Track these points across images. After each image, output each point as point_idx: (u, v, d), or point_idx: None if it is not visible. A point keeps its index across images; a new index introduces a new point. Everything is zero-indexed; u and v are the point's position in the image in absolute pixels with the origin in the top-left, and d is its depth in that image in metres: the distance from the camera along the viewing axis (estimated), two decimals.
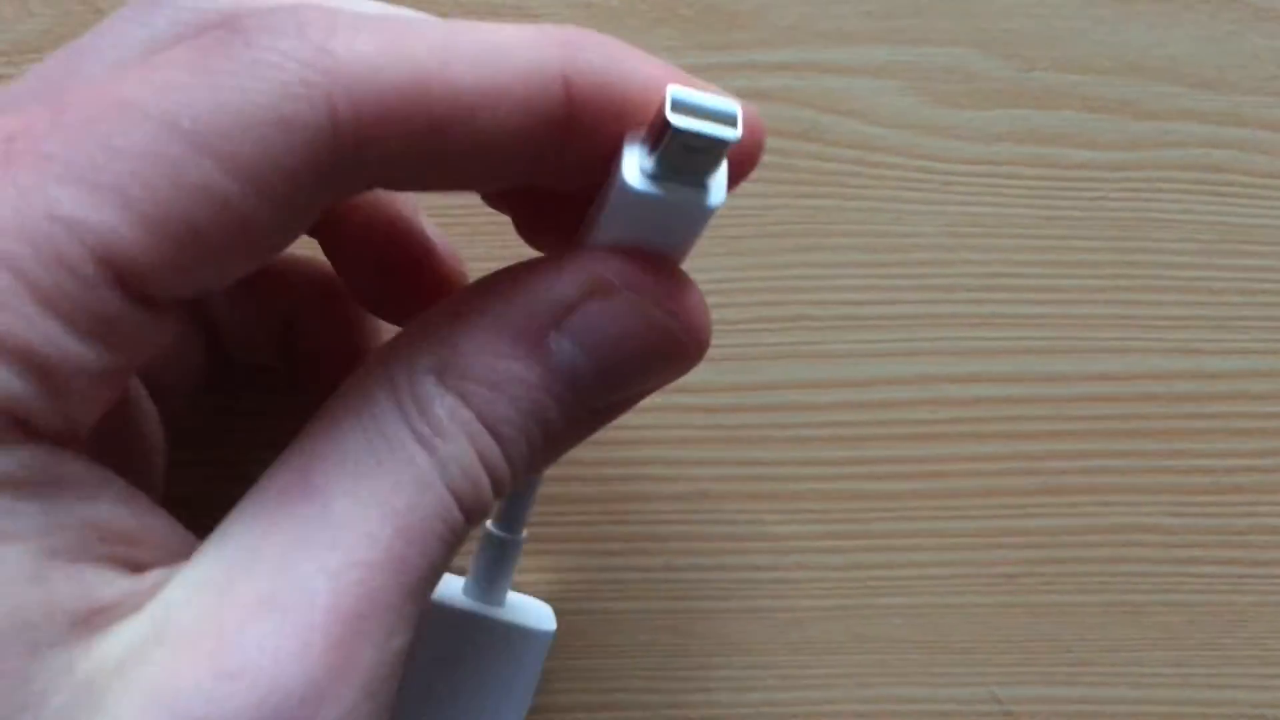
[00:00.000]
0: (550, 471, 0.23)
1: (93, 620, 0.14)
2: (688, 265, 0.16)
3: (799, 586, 0.25)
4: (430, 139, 0.14)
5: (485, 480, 0.15)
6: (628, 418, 0.22)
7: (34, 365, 0.13)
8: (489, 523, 0.22)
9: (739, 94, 0.23)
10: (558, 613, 0.23)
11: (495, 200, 0.19)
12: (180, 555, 0.15)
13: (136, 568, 0.14)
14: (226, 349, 0.22)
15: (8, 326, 0.13)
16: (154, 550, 0.15)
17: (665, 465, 0.24)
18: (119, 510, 0.14)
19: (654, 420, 0.24)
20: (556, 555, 0.24)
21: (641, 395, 0.17)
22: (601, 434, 0.18)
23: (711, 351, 0.24)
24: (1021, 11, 0.24)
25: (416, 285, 0.20)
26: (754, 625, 0.25)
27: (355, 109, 0.13)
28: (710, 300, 0.24)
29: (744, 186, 0.24)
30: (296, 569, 0.14)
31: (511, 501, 0.22)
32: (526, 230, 0.19)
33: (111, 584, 0.14)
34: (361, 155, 0.14)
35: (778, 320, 0.24)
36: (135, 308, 0.13)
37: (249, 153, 0.13)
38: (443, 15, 0.23)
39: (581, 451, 0.18)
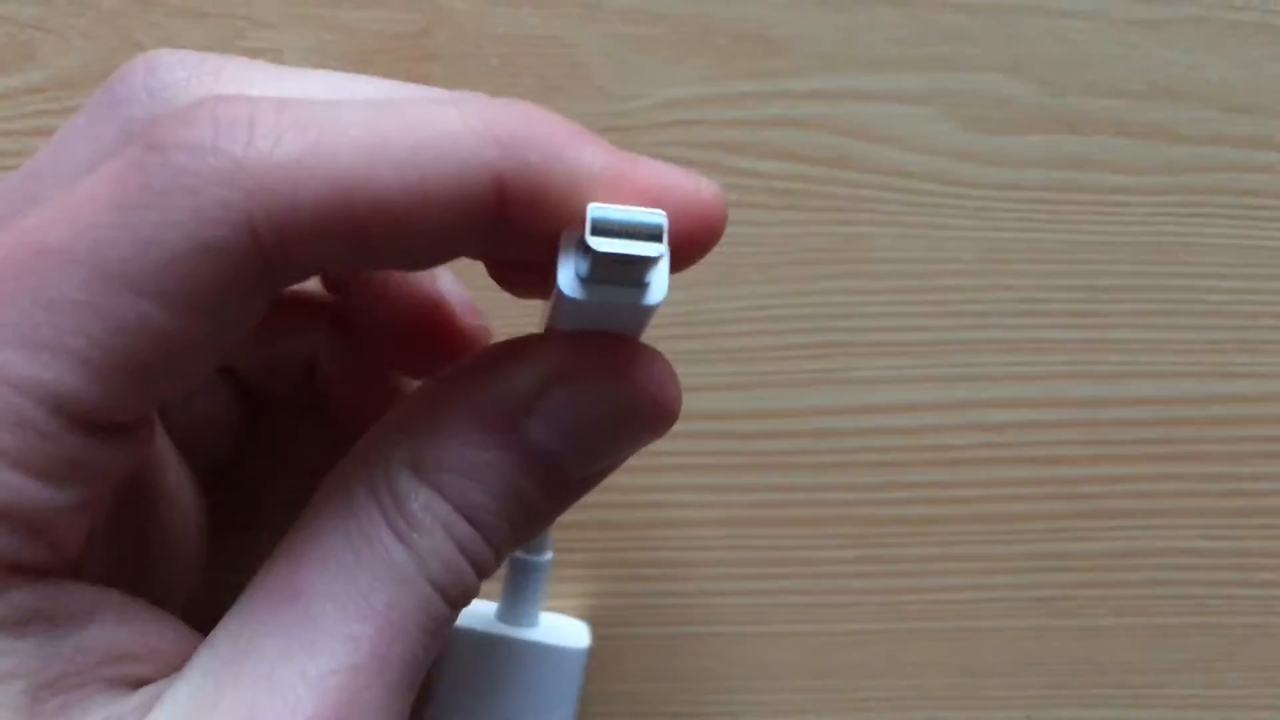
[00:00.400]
0: (584, 498, 0.23)
1: None
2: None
3: (833, 611, 0.25)
4: (356, 242, 0.14)
5: (467, 568, 0.16)
6: (661, 444, 0.22)
7: (14, 520, 0.14)
8: None
9: (773, 122, 0.24)
10: (591, 638, 0.24)
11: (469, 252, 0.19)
12: (180, 664, 0.15)
13: (136, 683, 0.15)
14: (257, 393, 0.22)
15: None
16: (153, 663, 0.15)
17: (698, 491, 0.24)
18: (115, 631, 0.15)
19: (687, 446, 0.24)
20: (590, 581, 0.24)
21: (620, 462, 0.17)
22: (635, 461, 0.18)
23: (745, 378, 0.24)
24: (1055, 37, 0.24)
25: (432, 342, 0.20)
26: (788, 650, 0.25)
27: (275, 225, 0.13)
28: (743, 328, 0.24)
29: (778, 214, 0.24)
30: (279, 678, 0.14)
31: None
32: (498, 278, 0.19)
33: (103, 709, 0.14)
34: (287, 260, 0.14)
35: (811, 347, 0.24)
36: (98, 443, 0.14)
37: (176, 284, 0.13)
38: (486, 49, 0.23)
39: (615, 479, 0.18)
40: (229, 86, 0.15)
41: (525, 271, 0.18)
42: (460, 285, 0.21)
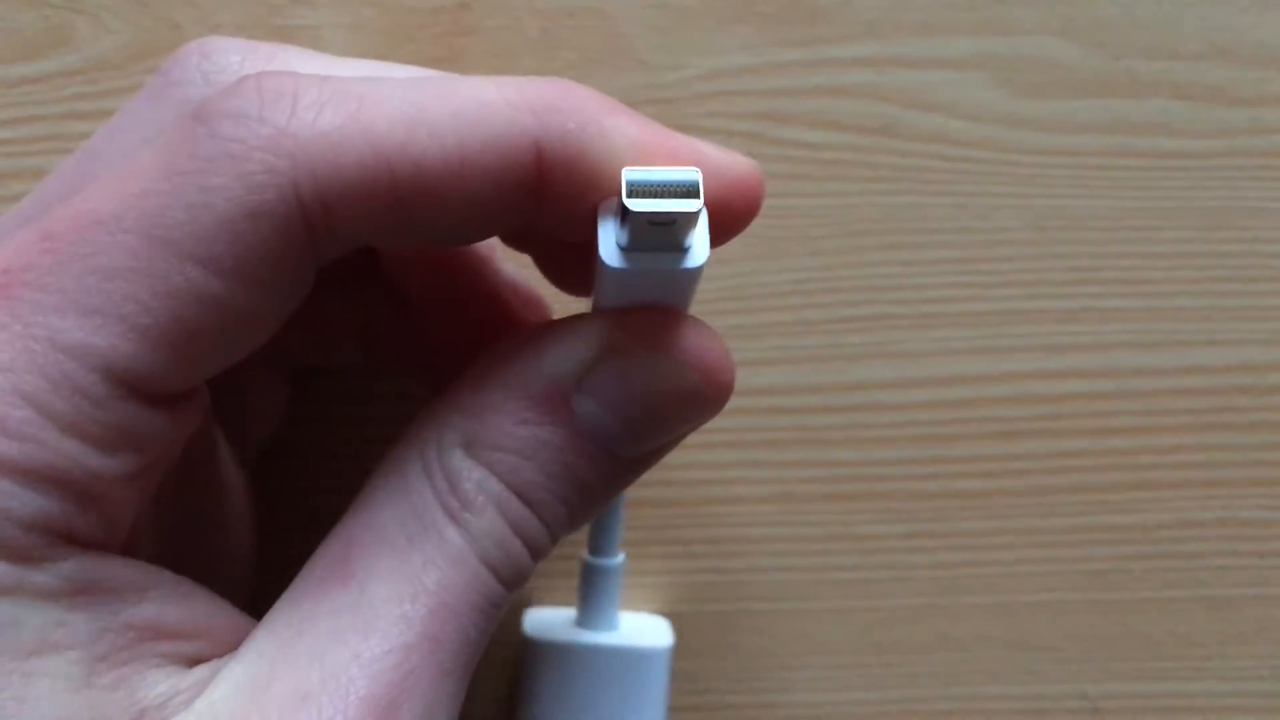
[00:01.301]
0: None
1: None
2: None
3: (885, 586, 0.25)
4: (399, 211, 0.14)
5: (520, 548, 0.16)
6: (711, 421, 0.22)
7: (64, 485, 0.14)
8: (585, 552, 0.22)
9: (819, 91, 0.23)
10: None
11: (513, 241, 0.19)
12: (232, 644, 0.15)
13: (190, 661, 0.15)
14: (314, 365, 0.22)
15: (35, 455, 0.14)
16: (206, 642, 0.15)
17: (749, 467, 0.24)
18: (167, 608, 0.15)
19: (737, 423, 0.24)
20: (639, 559, 0.24)
21: (676, 440, 0.17)
22: (687, 439, 0.18)
23: (795, 352, 0.24)
24: None
25: (488, 325, 0.20)
26: (840, 625, 0.25)
27: (319, 191, 0.14)
28: (792, 301, 0.24)
29: (824, 185, 0.24)
30: (333, 659, 0.14)
31: (600, 526, 0.22)
32: (547, 271, 0.19)
33: (159, 684, 0.15)
34: (333, 230, 0.14)
35: (861, 320, 0.24)
36: (149, 412, 0.14)
37: (224, 249, 0.14)
38: (526, 22, 0.23)
39: (668, 457, 0.18)
40: (281, 69, 0.15)
41: (573, 265, 0.18)
42: (522, 275, 0.21)
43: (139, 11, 0.22)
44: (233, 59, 0.16)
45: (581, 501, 0.16)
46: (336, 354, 0.22)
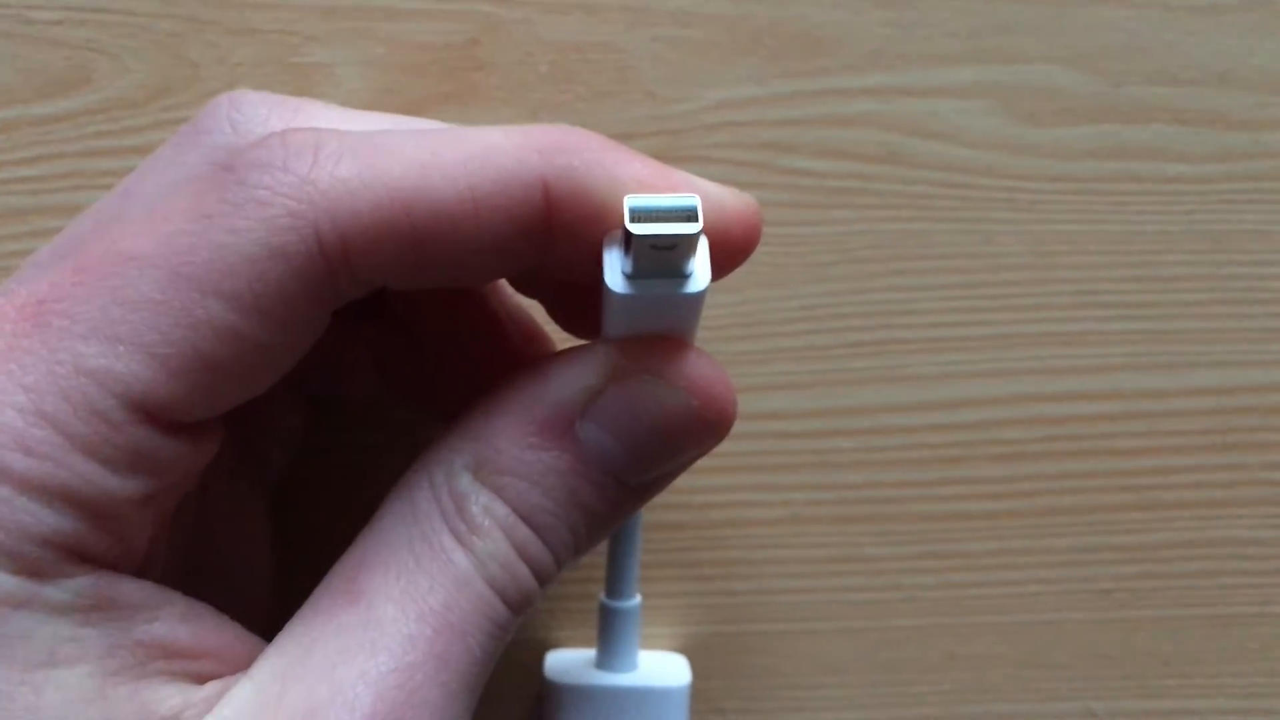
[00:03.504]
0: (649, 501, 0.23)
1: None
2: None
3: (893, 607, 0.25)
4: (416, 249, 0.15)
5: (525, 572, 0.16)
6: (721, 445, 0.22)
7: (79, 503, 0.14)
8: (602, 595, 0.22)
9: (824, 121, 0.24)
10: (647, 637, 0.24)
11: (523, 287, 0.20)
12: (243, 664, 0.16)
13: (201, 679, 0.15)
14: (330, 395, 0.23)
15: (53, 474, 0.14)
16: (216, 662, 0.16)
17: (758, 491, 0.24)
18: (178, 628, 0.15)
19: (746, 447, 0.24)
20: (650, 581, 0.24)
21: (680, 469, 0.18)
22: (697, 462, 0.18)
23: (802, 377, 0.24)
24: (1109, 26, 0.24)
25: (498, 359, 0.20)
26: (848, 646, 0.25)
27: (339, 232, 0.14)
28: (799, 327, 0.24)
29: (830, 213, 0.24)
30: (340, 676, 0.15)
31: (617, 569, 0.22)
32: (557, 315, 0.20)
33: (171, 698, 0.15)
34: (352, 270, 0.15)
35: (867, 344, 0.24)
36: (166, 438, 0.15)
37: (247, 286, 0.14)
38: (536, 56, 0.23)
39: (679, 480, 0.18)
40: (304, 123, 0.16)
41: (582, 309, 0.19)
42: (527, 313, 0.21)
43: (157, 51, 0.23)
44: (260, 110, 0.17)
45: (587, 527, 0.17)
46: (351, 386, 0.22)
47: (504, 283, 0.21)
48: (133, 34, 0.23)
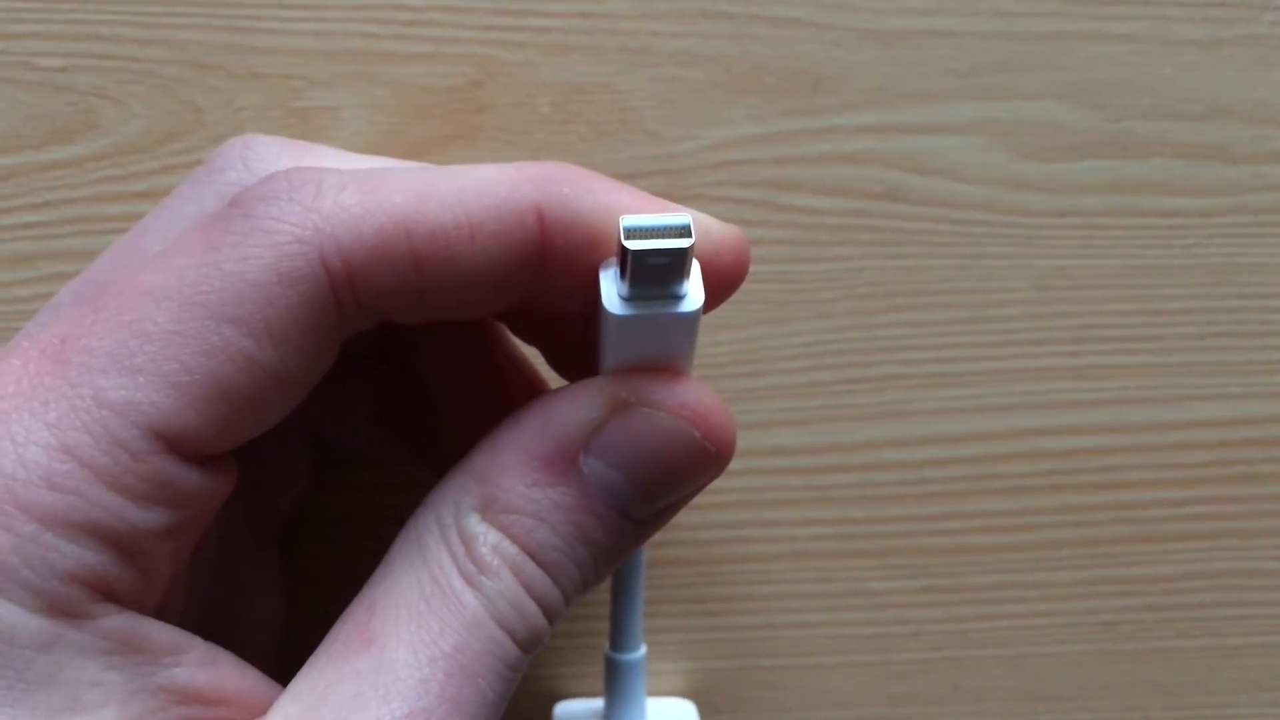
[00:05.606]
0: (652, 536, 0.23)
1: None
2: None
3: (897, 641, 0.25)
4: (416, 275, 0.15)
5: (535, 610, 0.16)
6: (725, 481, 0.22)
7: (104, 537, 0.15)
8: (607, 648, 0.22)
9: (824, 159, 0.24)
10: (653, 673, 0.24)
11: (524, 334, 0.20)
12: (259, 711, 0.16)
13: None
14: (333, 441, 0.23)
15: (77, 507, 0.14)
16: (233, 709, 0.16)
17: (762, 526, 0.25)
18: (198, 674, 0.16)
19: (750, 483, 0.24)
20: (654, 617, 0.25)
21: (683, 501, 0.18)
22: (700, 498, 0.18)
23: (805, 413, 0.24)
24: (1108, 61, 0.24)
25: (498, 405, 0.21)
26: (853, 680, 0.25)
27: (343, 255, 0.15)
28: (801, 364, 0.24)
29: (831, 250, 0.24)
30: None
31: (620, 623, 0.22)
32: (555, 362, 0.20)
33: None
34: (356, 295, 0.15)
35: (869, 380, 0.24)
36: (186, 469, 0.15)
37: (257, 311, 0.15)
38: (537, 98, 0.23)
39: (678, 516, 0.18)
40: (312, 164, 0.17)
41: (579, 355, 0.19)
42: (528, 360, 0.21)
43: (163, 96, 0.23)
44: (271, 150, 0.18)
45: (593, 562, 0.17)
46: (353, 431, 0.22)
47: (505, 330, 0.21)
48: (138, 79, 0.23)
